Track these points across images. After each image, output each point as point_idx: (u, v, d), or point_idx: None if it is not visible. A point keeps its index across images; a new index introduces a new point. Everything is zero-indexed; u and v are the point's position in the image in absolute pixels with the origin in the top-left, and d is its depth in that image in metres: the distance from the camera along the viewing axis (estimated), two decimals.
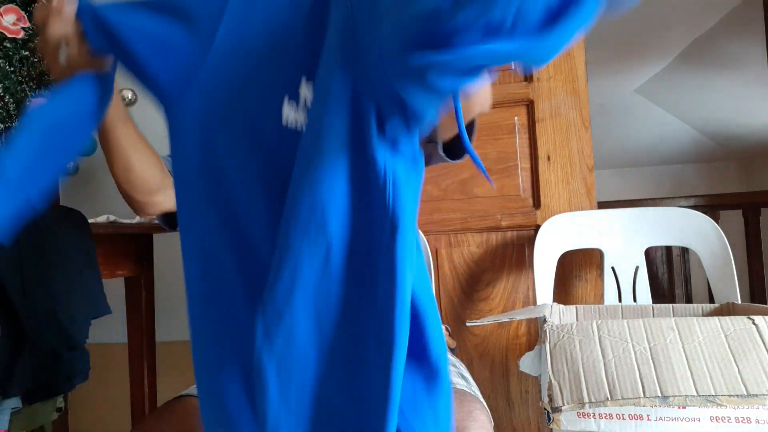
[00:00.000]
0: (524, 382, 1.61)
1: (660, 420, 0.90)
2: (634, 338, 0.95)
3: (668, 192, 5.82)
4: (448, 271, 1.65)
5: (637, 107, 5.13)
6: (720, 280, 1.38)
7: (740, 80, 4.45)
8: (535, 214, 1.61)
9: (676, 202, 2.64)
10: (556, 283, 1.50)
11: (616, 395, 0.87)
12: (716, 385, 0.85)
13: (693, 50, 4.13)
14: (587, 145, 1.61)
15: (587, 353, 0.94)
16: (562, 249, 1.50)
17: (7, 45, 1.73)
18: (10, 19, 1.68)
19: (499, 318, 1.26)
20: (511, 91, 1.63)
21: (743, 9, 3.52)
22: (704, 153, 5.92)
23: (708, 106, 5.00)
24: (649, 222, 1.48)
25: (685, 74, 4.48)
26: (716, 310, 1.28)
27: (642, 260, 1.46)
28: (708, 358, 0.89)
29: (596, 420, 0.93)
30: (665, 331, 0.95)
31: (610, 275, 1.47)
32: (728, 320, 0.96)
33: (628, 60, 4.27)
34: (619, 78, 4.59)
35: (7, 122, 1.76)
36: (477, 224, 1.63)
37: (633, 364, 0.91)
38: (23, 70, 1.79)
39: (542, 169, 1.61)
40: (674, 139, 5.68)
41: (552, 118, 1.61)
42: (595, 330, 0.98)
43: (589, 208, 1.59)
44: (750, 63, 4.03)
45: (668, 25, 3.82)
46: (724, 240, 1.40)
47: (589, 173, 1.61)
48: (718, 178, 6.05)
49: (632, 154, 5.89)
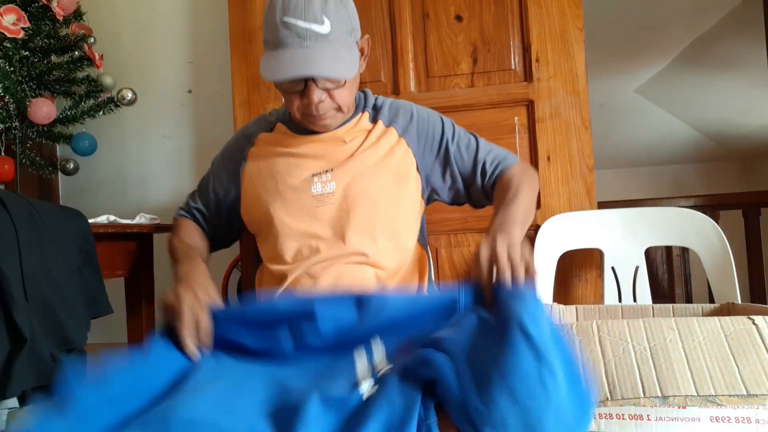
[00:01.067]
0: None
1: (660, 420, 0.90)
2: (634, 338, 0.95)
3: (668, 192, 5.83)
4: (448, 271, 1.65)
5: (637, 107, 5.13)
6: (720, 280, 1.38)
7: (740, 80, 4.45)
8: (535, 214, 1.61)
9: (676, 202, 2.63)
10: (556, 283, 1.50)
11: (616, 395, 0.87)
12: (716, 385, 0.85)
13: (693, 50, 4.13)
14: (587, 145, 1.61)
15: (587, 353, 0.94)
16: (562, 249, 1.50)
17: (7, 45, 1.73)
18: (10, 19, 1.68)
19: None
20: (511, 91, 1.63)
21: (743, 9, 3.52)
22: (704, 153, 5.92)
23: (708, 106, 5.00)
24: (649, 222, 1.48)
25: (685, 74, 4.49)
26: (716, 310, 1.28)
27: (642, 260, 1.46)
28: (708, 358, 0.89)
29: (596, 420, 0.93)
30: (665, 331, 0.95)
31: (610, 275, 1.47)
32: (728, 320, 0.95)
33: (628, 60, 4.27)
34: (619, 78, 4.59)
35: (7, 122, 1.76)
36: (477, 224, 1.63)
37: (633, 364, 0.91)
38: (23, 70, 1.79)
39: (542, 169, 1.61)
40: (674, 139, 5.69)
41: (552, 118, 1.62)
42: (595, 330, 0.98)
43: (589, 208, 1.59)
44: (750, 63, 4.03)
45: (668, 25, 3.82)
46: (724, 240, 1.40)
47: (589, 173, 1.61)
48: (718, 178, 6.05)
49: (632, 154, 5.89)
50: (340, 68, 0.99)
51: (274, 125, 1.18)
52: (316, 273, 1.05)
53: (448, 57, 1.67)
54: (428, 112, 1.19)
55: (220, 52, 2.03)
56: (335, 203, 1.08)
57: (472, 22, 1.66)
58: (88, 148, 1.90)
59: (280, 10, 0.97)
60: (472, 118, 1.64)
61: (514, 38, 1.65)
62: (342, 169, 1.09)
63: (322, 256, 1.06)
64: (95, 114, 1.87)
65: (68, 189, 2.18)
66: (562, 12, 1.62)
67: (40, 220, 1.17)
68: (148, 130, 2.13)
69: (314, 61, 0.96)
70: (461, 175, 1.17)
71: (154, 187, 2.12)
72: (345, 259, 1.06)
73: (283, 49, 0.97)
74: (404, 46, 1.69)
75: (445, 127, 1.17)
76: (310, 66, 0.96)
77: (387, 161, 1.11)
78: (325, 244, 1.06)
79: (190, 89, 2.10)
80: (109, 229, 1.43)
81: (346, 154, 1.10)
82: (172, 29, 2.11)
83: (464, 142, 1.17)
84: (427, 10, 1.68)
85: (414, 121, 1.16)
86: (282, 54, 0.97)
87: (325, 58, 0.97)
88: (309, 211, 1.08)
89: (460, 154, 1.16)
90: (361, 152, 1.10)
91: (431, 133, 1.16)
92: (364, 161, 1.10)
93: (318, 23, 0.96)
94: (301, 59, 0.96)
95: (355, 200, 1.07)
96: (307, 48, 0.96)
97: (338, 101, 1.04)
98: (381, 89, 1.70)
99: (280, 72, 0.97)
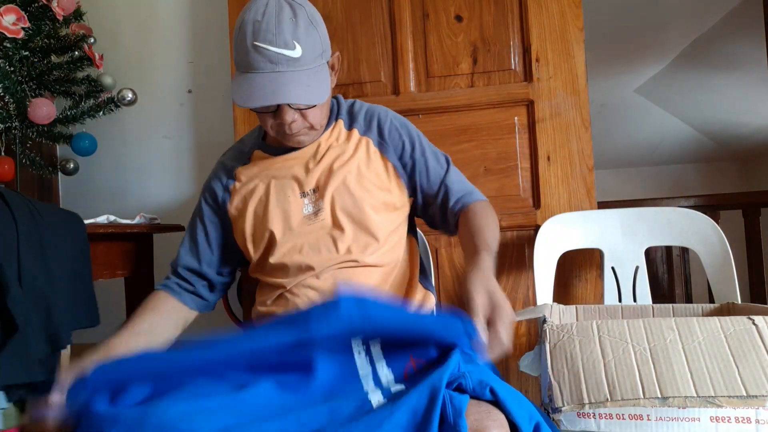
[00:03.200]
0: (524, 382, 1.61)
1: (660, 420, 0.90)
2: (634, 338, 0.95)
3: (668, 192, 5.82)
4: (448, 271, 1.65)
5: (637, 107, 5.13)
6: (720, 280, 1.38)
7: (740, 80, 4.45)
8: (535, 214, 1.61)
9: (676, 202, 2.63)
10: (556, 283, 1.50)
11: (616, 395, 0.87)
12: (716, 385, 0.85)
13: (693, 50, 4.13)
14: (587, 145, 1.61)
15: (587, 353, 0.94)
16: (562, 249, 1.50)
17: (7, 45, 1.73)
18: (10, 19, 1.67)
19: None
20: (511, 91, 1.63)
21: (743, 9, 3.52)
22: (704, 153, 5.92)
23: (708, 106, 5.00)
24: (649, 222, 1.48)
25: (685, 74, 4.49)
26: (716, 310, 1.28)
27: (642, 260, 1.46)
28: (708, 358, 0.89)
29: (596, 420, 0.93)
30: (665, 331, 0.95)
31: (610, 275, 1.47)
32: (728, 320, 0.95)
33: (628, 60, 4.27)
34: (619, 78, 4.59)
35: (7, 122, 1.76)
36: None
37: (633, 364, 0.91)
38: (23, 70, 1.79)
39: (542, 169, 1.61)
40: (674, 139, 5.69)
41: (552, 118, 1.61)
42: (595, 330, 0.98)
43: (589, 208, 1.59)
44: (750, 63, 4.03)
45: (668, 25, 3.82)
46: (724, 240, 1.40)
47: (589, 173, 1.61)
48: (718, 178, 6.05)
49: (632, 154, 5.89)
50: (312, 94, 1.00)
51: (250, 155, 1.19)
52: (312, 284, 1.09)
53: (448, 57, 1.67)
54: (402, 123, 1.19)
55: (220, 52, 2.03)
56: (326, 218, 1.10)
57: (472, 22, 1.66)
58: (88, 148, 1.90)
59: (251, 34, 0.97)
60: (472, 118, 1.65)
61: (514, 38, 1.65)
62: (327, 185, 1.11)
63: (317, 269, 1.09)
64: (95, 114, 1.87)
65: (68, 189, 2.18)
66: (562, 12, 1.62)
67: (40, 218, 1.17)
68: (148, 130, 2.13)
69: (286, 87, 0.97)
70: (422, 191, 1.18)
71: (154, 187, 2.12)
72: (338, 266, 1.09)
73: (254, 72, 0.98)
74: (404, 46, 1.69)
75: (416, 142, 1.17)
76: (282, 93, 0.97)
77: (368, 171, 1.13)
78: (319, 258, 1.09)
79: (190, 89, 2.10)
80: (109, 229, 1.43)
81: (328, 169, 1.12)
82: (172, 29, 2.11)
83: (432, 161, 1.17)
84: (427, 10, 1.68)
85: (386, 129, 1.16)
86: (254, 79, 0.98)
87: (297, 84, 0.98)
88: (302, 230, 1.11)
89: (427, 172, 1.16)
90: (342, 166, 1.11)
91: (400, 144, 1.16)
92: (347, 174, 1.11)
93: (289, 48, 0.97)
94: (273, 85, 0.97)
95: (343, 214, 1.10)
96: (279, 73, 0.97)
97: (311, 120, 1.06)
98: (381, 89, 1.70)
99: (252, 99, 0.97)
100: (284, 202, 1.12)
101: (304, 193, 1.12)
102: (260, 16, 0.97)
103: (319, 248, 1.10)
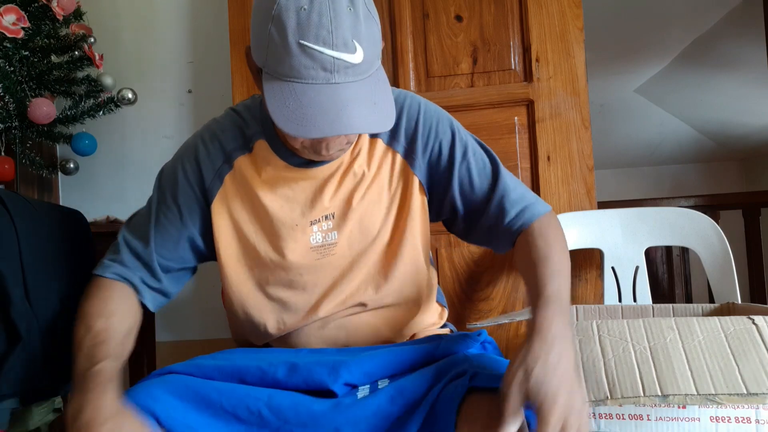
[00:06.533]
0: None
1: (660, 420, 0.90)
2: (634, 338, 0.95)
3: (668, 192, 5.82)
4: (448, 271, 1.65)
5: (637, 107, 5.13)
6: (720, 280, 1.38)
7: (740, 80, 4.45)
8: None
9: (676, 202, 2.63)
10: None
11: (615, 394, 0.87)
12: (716, 384, 0.85)
13: (693, 50, 4.13)
14: (587, 145, 1.61)
15: (587, 353, 0.94)
16: None
17: (7, 45, 1.73)
18: (10, 19, 1.68)
19: (499, 320, 1.27)
20: (511, 91, 1.63)
21: (743, 9, 3.52)
22: (704, 153, 5.92)
23: (708, 106, 5.00)
24: (649, 222, 1.48)
25: (685, 74, 4.48)
26: (716, 310, 1.28)
27: (642, 260, 1.46)
28: (708, 356, 0.89)
29: (596, 420, 0.93)
30: (665, 330, 0.95)
31: (610, 275, 1.47)
32: (728, 320, 0.95)
33: (628, 60, 4.27)
34: (619, 78, 4.59)
35: (7, 122, 1.76)
36: None
37: (633, 363, 0.91)
38: (23, 70, 1.79)
39: (542, 169, 1.61)
40: (674, 139, 5.69)
41: (552, 118, 1.62)
42: (595, 330, 0.98)
43: (589, 208, 1.59)
44: (750, 63, 4.03)
45: (668, 25, 3.82)
46: (724, 240, 1.40)
47: (589, 173, 1.61)
48: (718, 178, 6.05)
49: (632, 154, 5.89)
50: (382, 116, 0.75)
51: (253, 142, 0.93)
52: (309, 332, 0.95)
53: (448, 57, 1.67)
54: (437, 119, 0.95)
55: (220, 52, 2.03)
56: (337, 253, 0.91)
57: (472, 22, 1.66)
58: (88, 148, 1.90)
59: (294, 29, 0.70)
60: (472, 118, 1.64)
61: (514, 38, 1.65)
62: (345, 214, 0.91)
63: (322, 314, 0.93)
64: (95, 114, 1.87)
65: (68, 189, 2.18)
66: (562, 12, 1.62)
67: (41, 220, 1.17)
68: (148, 130, 2.13)
69: (348, 108, 0.72)
70: (464, 203, 0.95)
71: None
72: (341, 313, 0.94)
73: (300, 82, 0.72)
74: (404, 46, 1.69)
75: (456, 142, 0.94)
76: (347, 118, 0.71)
77: (390, 193, 0.93)
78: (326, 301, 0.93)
79: (190, 89, 2.10)
80: (109, 229, 1.43)
81: (349, 192, 0.91)
82: (172, 29, 2.11)
83: (478, 166, 0.94)
84: (427, 10, 1.68)
85: (419, 133, 0.93)
86: (304, 93, 0.72)
87: (361, 103, 0.73)
88: (308, 263, 0.91)
89: (470, 181, 0.93)
90: (363, 189, 0.91)
91: (437, 149, 0.94)
92: (368, 200, 0.91)
93: (349, 51, 0.71)
94: (331, 104, 0.71)
95: (359, 249, 0.92)
96: (335, 85, 0.72)
97: (352, 138, 0.85)
98: None
99: (308, 128, 0.71)
100: (287, 226, 0.91)
101: (317, 222, 0.91)
102: (306, 1, 0.70)
103: (325, 288, 0.92)
